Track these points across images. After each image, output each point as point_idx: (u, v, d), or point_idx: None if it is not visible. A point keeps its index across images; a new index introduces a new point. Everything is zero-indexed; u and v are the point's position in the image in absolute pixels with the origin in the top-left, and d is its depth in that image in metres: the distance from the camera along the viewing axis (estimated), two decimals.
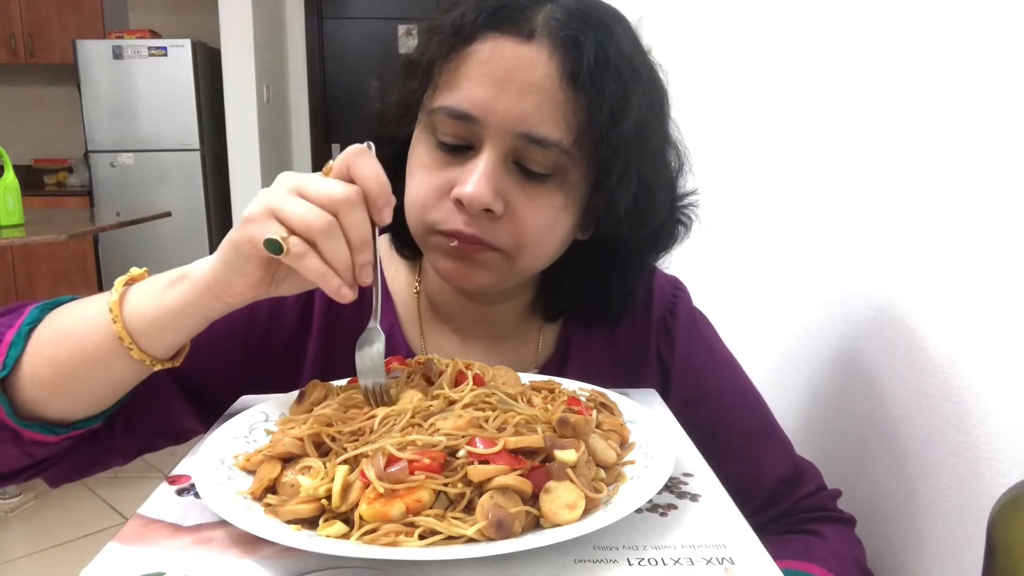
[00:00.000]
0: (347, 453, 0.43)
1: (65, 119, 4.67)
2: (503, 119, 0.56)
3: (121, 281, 0.56)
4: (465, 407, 0.46)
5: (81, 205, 4.24)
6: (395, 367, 0.57)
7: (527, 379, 0.58)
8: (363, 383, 0.52)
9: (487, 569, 0.37)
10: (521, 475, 0.40)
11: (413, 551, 0.36)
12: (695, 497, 0.45)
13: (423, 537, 0.38)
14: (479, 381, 0.53)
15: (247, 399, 0.60)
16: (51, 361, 0.55)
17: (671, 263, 0.73)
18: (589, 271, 0.68)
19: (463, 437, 0.42)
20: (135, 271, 0.57)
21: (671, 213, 0.67)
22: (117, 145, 4.18)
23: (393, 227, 0.70)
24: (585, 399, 0.54)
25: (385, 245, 0.74)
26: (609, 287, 0.69)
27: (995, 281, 0.57)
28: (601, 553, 0.39)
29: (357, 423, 0.46)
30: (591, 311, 0.71)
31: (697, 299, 0.77)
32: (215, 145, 4.30)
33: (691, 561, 0.38)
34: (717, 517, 0.43)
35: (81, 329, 0.55)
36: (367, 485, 0.40)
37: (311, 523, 0.40)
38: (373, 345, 0.53)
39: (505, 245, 0.59)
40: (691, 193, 0.69)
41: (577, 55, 0.55)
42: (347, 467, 0.41)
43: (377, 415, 0.46)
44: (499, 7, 0.57)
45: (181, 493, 0.45)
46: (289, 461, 0.45)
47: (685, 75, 1.24)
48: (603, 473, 0.45)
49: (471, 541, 0.37)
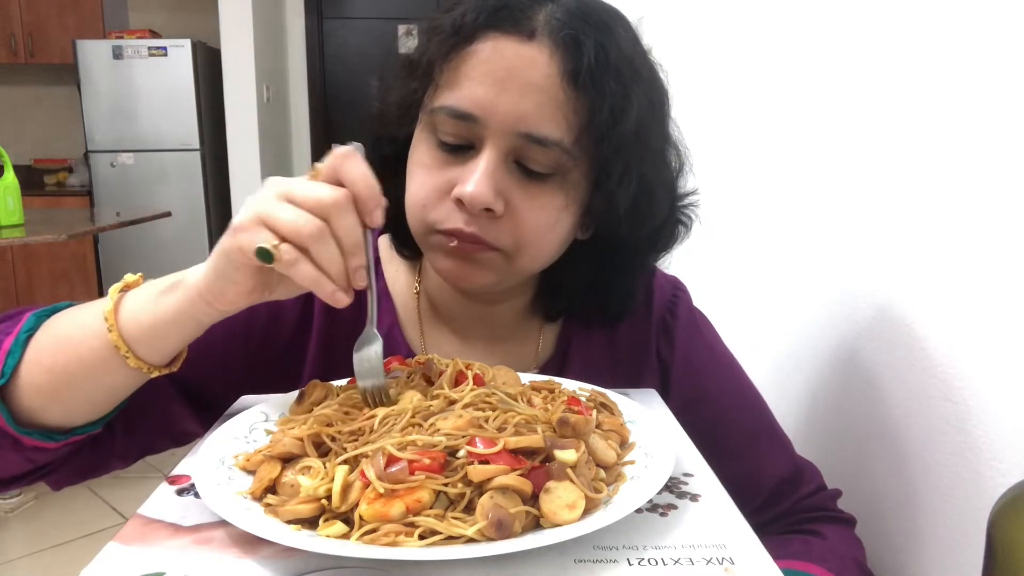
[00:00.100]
0: (347, 453, 0.43)
1: (65, 119, 4.67)
2: (504, 118, 0.56)
3: (116, 288, 0.55)
4: (465, 407, 0.46)
5: (81, 205, 4.24)
6: (395, 367, 0.57)
7: (527, 379, 0.58)
8: (361, 386, 0.52)
9: (487, 569, 0.37)
10: (521, 475, 0.40)
11: (413, 551, 0.36)
12: (695, 497, 0.45)
13: (423, 537, 0.38)
14: (479, 381, 0.53)
15: (247, 399, 0.60)
16: (48, 369, 0.55)
17: (671, 263, 0.73)
18: (589, 271, 0.68)
19: (463, 437, 0.42)
20: (129, 277, 0.57)
21: (671, 213, 0.67)
22: (117, 145, 4.17)
23: (393, 227, 0.71)
24: (585, 399, 0.54)
25: (385, 245, 0.74)
26: (609, 287, 0.69)
27: (995, 281, 0.57)
28: (601, 553, 0.39)
29: (357, 423, 0.46)
30: (591, 311, 0.71)
31: (697, 299, 0.77)
32: (215, 145, 4.29)
33: (691, 561, 0.38)
34: (717, 517, 0.43)
35: (78, 337, 0.54)
36: (367, 485, 0.40)
37: (311, 523, 0.40)
38: (370, 347, 0.53)
39: (505, 245, 0.59)
40: (691, 193, 0.69)
41: (578, 54, 0.55)
42: (347, 467, 0.42)
43: (377, 415, 0.46)
44: (500, 7, 0.57)
45: (181, 493, 0.45)
46: (289, 461, 0.45)
47: (685, 75, 1.24)
48: (603, 473, 0.45)
49: (471, 541, 0.37)
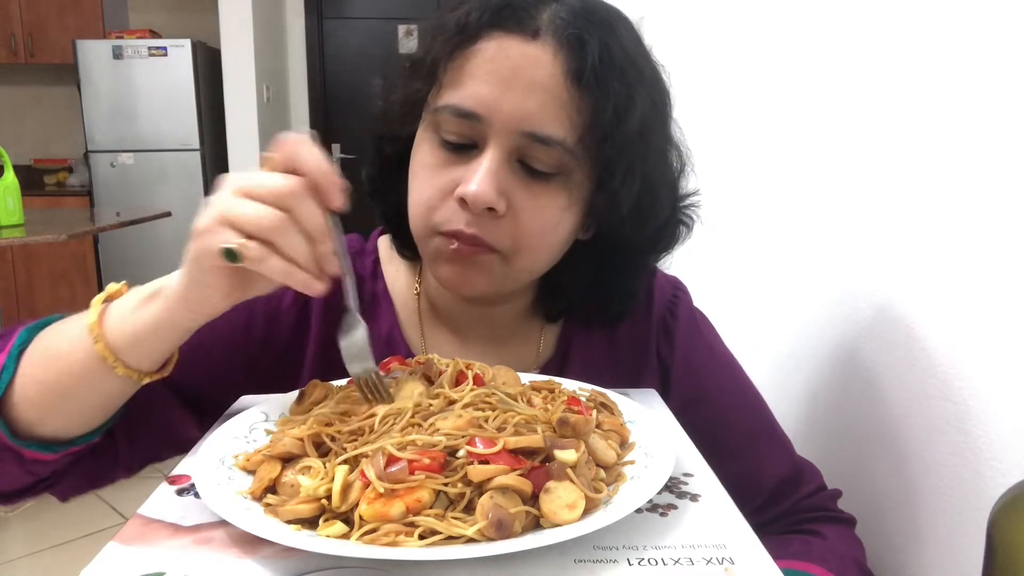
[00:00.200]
0: (347, 453, 0.43)
1: (65, 119, 4.67)
2: (507, 118, 0.56)
3: (99, 299, 0.55)
4: (465, 407, 0.46)
5: (81, 205, 4.23)
6: (395, 367, 0.57)
7: (527, 379, 0.58)
8: (352, 371, 0.52)
9: (487, 569, 0.37)
10: (521, 475, 0.40)
11: (413, 551, 0.36)
12: (695, 497, 0.45)
13: (423, 537, 0.38)
14: (479, 381, 0.53)
15: (247, 399, 0.60)
16: (41, 382, 0.55)
17: (672, 263, 0.73)
18: (590, 271, 0.68)
19: (463, 437, 0.42)
20: (112, 287, 0.56)
21: (673, 213, 0.67)
22: (117, 145, 4.17)
23: (394, 227, 0.71)
24: (585, 399, 0.54)
25: (386, 246, 0.74)
26: (610, 287, 0.69)
27: (995, 281, 0.57)
28: (601, 553, 0.39)
29: (357, 423, 0.46)
30: (592, 311, 0.71)
31: (697, 299, 0.77)
32: (215, 145, 4.29)
33: (691, 561, 0.38)
34: (717, 517, 0.43)
35: (66, 349, 0.54)
36: (367, 485, 0.40)
37: (311, 523, 0.40)
38: (355, 332, 0.52)
39: (504, 246, 0.59)
40: (693, 193, 0.69)
41: (582, 54, 0.55)
42: (347, 467, 0.41)
43: (377, 414, 0.46)
44: (503, 6, 0.57)
45: (181, 493, 0.45)
46: (289, 461, 0.45)
47: (686, 75, 1.24)
48: (603, 473, 0.45)
49: (471, 541, 0.37)
